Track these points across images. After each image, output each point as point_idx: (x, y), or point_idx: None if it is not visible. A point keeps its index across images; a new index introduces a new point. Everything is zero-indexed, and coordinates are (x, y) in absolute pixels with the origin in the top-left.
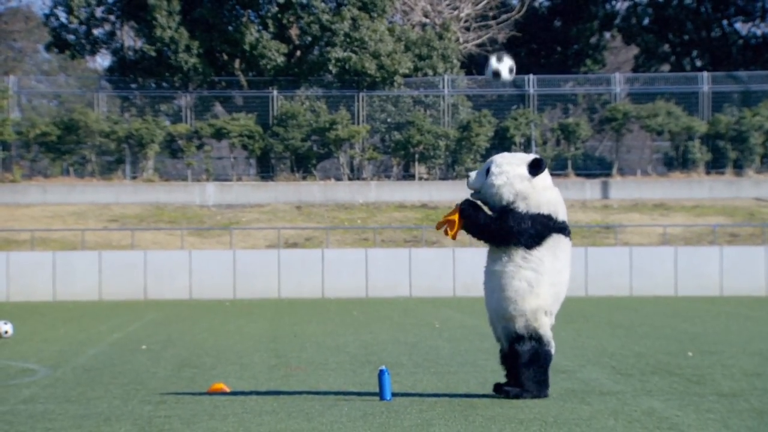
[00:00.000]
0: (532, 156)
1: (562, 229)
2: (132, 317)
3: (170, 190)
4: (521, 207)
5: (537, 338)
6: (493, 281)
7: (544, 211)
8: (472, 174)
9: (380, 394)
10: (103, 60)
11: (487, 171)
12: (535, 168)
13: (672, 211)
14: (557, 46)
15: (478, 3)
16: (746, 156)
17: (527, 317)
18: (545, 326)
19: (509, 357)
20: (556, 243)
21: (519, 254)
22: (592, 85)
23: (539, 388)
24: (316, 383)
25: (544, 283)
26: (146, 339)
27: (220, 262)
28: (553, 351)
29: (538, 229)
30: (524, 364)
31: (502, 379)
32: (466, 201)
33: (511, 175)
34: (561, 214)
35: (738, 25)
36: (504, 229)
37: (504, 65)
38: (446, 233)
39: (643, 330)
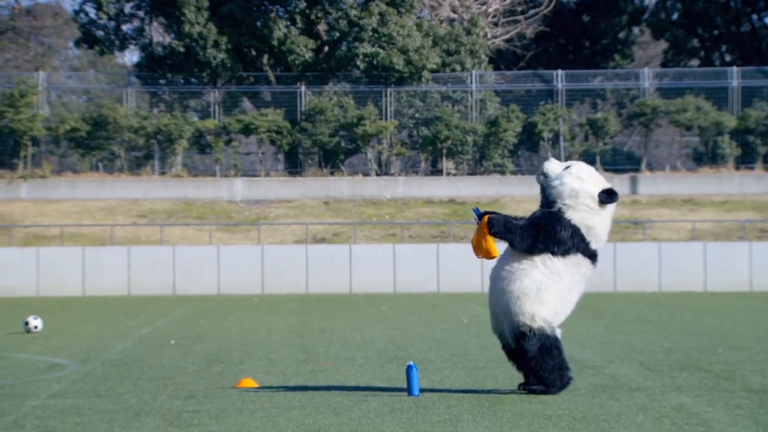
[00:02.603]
0: (609, 185)
1: (592, 255)
2: (161, 312)
3: (198, 186)
4: (567, 214)
5: (540, 331)
6: (506, 276)
7: (584, 231)
8: (554, 161)
9: (408, 390)
10: (131, 56)
11: (567, 168)
12: (607, 195)
13: (701, 206)
14: (586, 40)
15: None
16: None
17: (527, 316)
18: (546, 323)
19: (518, 354)
20: (579, 263)
21: (540, 256)
22: (621, 80)
23: (560, 376)
24: (344, 378)
25: (551, 292)
26: (175, 334)
27: (248, 257)
28: (559, 334)
29: (574, 242)
30: (536, 358)
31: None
32: (494, 219)
33: (585, 187)
34: (598, 242)
35: None
36: (544, 233)
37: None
38: (487, 255)
39: (672, 326)
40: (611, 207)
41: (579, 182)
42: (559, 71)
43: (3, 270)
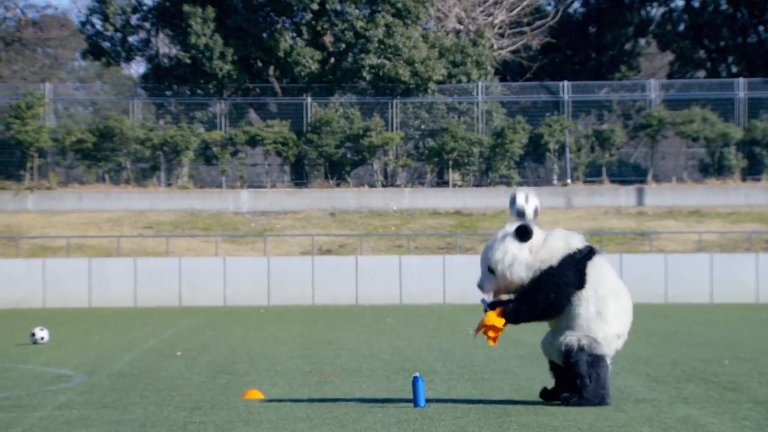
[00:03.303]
0: (514, 226)
1: (588, 253)
2: (167, 324)
3: (205, 197)
4: (544, 266)
5: (592, 351)
6: (560, 324)
7: (559, 254)
8: (482, 282)
9: (414, 401)
10: (138, 67)
11: (489, 270)
12: (522, 236)
13: (707, 217)
14: (592, 52)
15: (513, 9)
16: None
17: (597, 340)
18: (609, 346)
19: (566, 369)
20: (596, 270)
21: (573, 300)
22: (627, 91)
23: (600, 396)
24: (350, 390)
25: (609, 307)
26: (181, 345)
27: (255, 268)
28: (609, 361)
29: (578, 269)
30: (580, 374)
31: (538, 386)
32: (507, 311)
33: (509, 256)
34: (575, 242)
35: None
36: (554, 294)
37: (530, 205)
38: (489, 339)
39: (679, 337)
40: (537, 232)
41: (505, 262)
42: (565, 82)
43: (9, 281)
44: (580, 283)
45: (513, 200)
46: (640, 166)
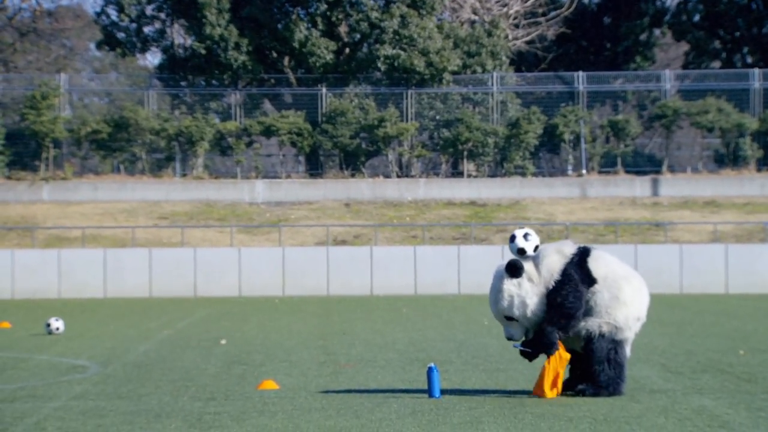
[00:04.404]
0: (503, 266)
1: (584, 252)
2: (182, 314)
3: (220, 188)
4: (551, 284)
5: (613, 337)
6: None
7: (558, 266)
8: (510, 332)
9: (429, 392)
10: (153, 58)
11: (507, 318)
12: (514, 273)
13: (723, 208)
14: (607, 42)
15: (528, 0)
16: None
17: (618, 325)
18: (630, 329)
19: (584, 355)
20: (598, 263)
21: (590, 303)
22: (642, 81)
23: (615, 384)
24: (365, 380)
25: (624, 290)
26: (196, 336)
27: (270, 259)
28: (628, 350)
29: (581, 275)
30: (599, 361)
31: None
32: (550, 349)
33: (516, 298)
34: (568, 249)
35: None
36: (572, 303)
37: (530, 243)
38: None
39: (694, 328)
40: (526, 265)
41: (518, 305)
42: (580, 73)
43: (25, 271)
44: (590, 280)
45: (512, 239)
46: (655, 156)
